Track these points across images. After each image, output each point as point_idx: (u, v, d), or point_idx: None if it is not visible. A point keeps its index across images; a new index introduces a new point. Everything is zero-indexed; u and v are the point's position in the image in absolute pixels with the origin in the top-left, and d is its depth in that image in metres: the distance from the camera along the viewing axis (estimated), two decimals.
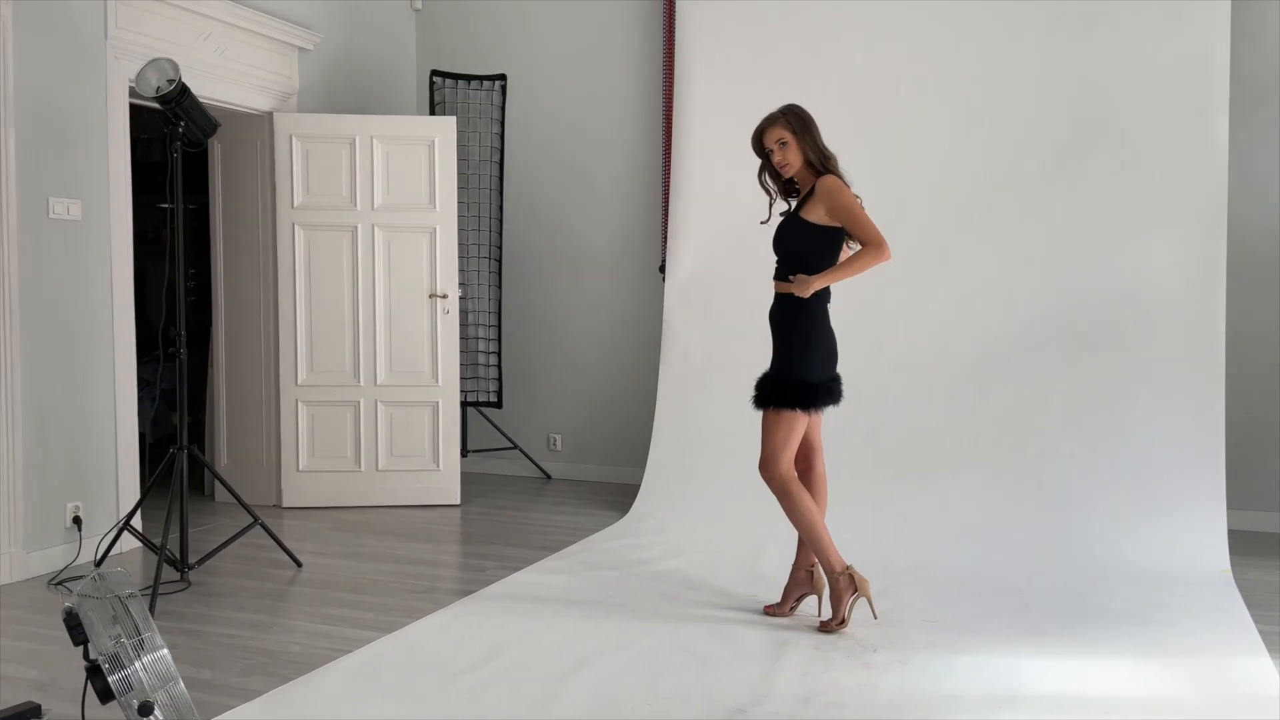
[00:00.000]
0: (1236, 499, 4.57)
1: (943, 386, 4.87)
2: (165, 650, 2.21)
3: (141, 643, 2.18)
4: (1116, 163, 4.71)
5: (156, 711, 2.15)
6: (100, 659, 2.14)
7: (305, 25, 5.31)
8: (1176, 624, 3.45)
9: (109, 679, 2.14)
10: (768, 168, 3.44)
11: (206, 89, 4.73)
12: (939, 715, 2.69)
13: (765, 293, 3.74)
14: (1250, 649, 3.21)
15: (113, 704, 2.16)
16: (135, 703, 2.13)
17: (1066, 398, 4.68)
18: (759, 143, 3.41)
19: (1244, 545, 4.41)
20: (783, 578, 3.68)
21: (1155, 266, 4.64)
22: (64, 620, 2.15)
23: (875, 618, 3.34)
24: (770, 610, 3.49)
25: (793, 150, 3.33)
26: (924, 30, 4.98)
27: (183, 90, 3.68)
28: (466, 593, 3.76)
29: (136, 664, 2.16)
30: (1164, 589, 3.82)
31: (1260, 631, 3.37)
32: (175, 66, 3.65)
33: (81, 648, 2.17)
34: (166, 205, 7.18)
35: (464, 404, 5.65)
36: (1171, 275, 4.61)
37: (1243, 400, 4.70)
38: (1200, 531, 4.26)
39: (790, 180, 3.43)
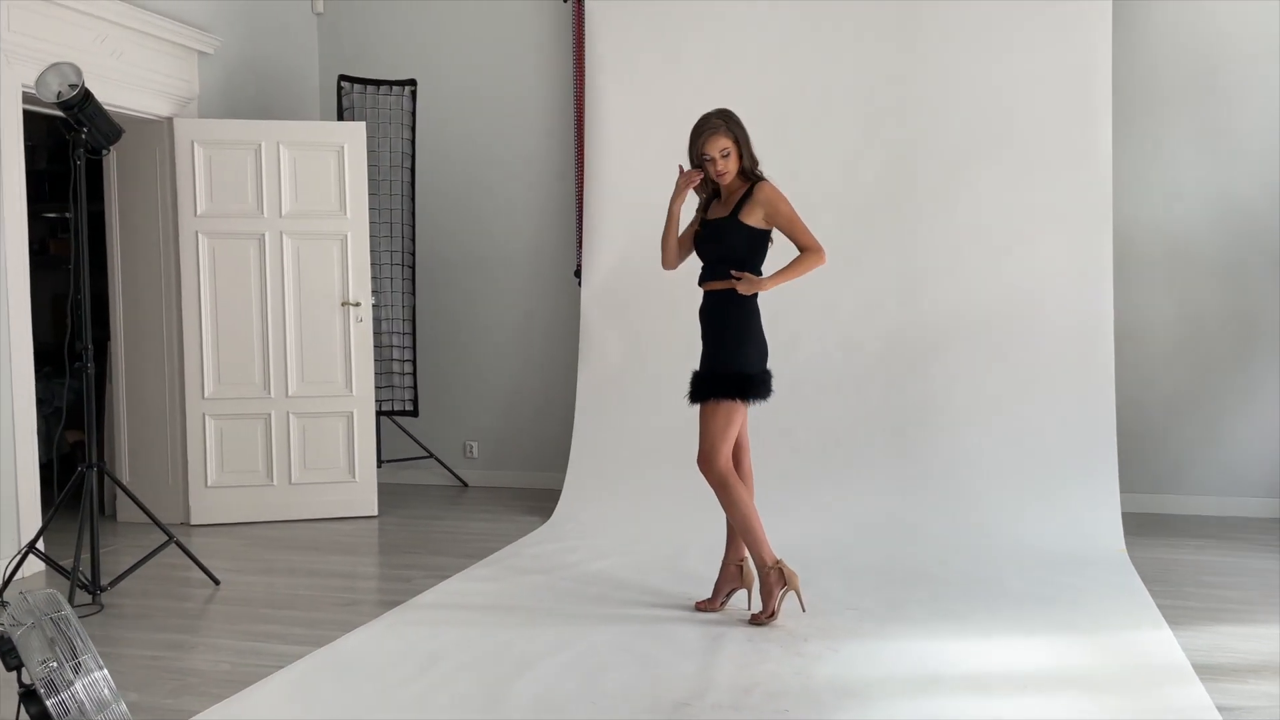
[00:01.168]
0: (1128, 483, 4.85)
1: (853, 383, 5.03)
2: (104, 672, 2.15)
3: (78, 666, 2.11)
4: (1009, 166, 4.94)
5: None
6: (36, 684, 2.07)
7: (204, 29, 5.17)
8: (1081, 602, 3.64)
9: (46, 703, 2.07)
10: (702, 170, 3.48)
11: (103, 93, 4.54)
12: (873, 699, 2.80)
13: (683, 294, 3.83)
14: (1150, 622, 3.42)
15: None
16: None
17: (969, 391, 4.89)
18: (699, 148, 3.44)
19: (1137, 526, 4.68)
20: (709, 574, 3.76)
21: (1047, 265, 4.88)
22: None
23: (803, 610, 3.44)
24: (701, 606, 3.56)
25: (733, 159, 3.42)
26: (828, 36, 5.14)
27: (85, 96, 3.56)
28: (395, 603, 3.72)
29: (74, 688, 2.09)
30: (1066, 570, 4.03)
31: (1158, 605, 3.59)
32: (78, 71, 3.53)
33: (15, 673, 2.09)
34: (53, 215, 6.89)
35: (379, 413, 5.57)
36: (1063, 273, 4.86)
37: (1132, 389, 4.99)
38: (1096, 514, 4.51)
39: (717, 185, 3.50)
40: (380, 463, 5.82)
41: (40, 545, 4.00)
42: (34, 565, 4.07)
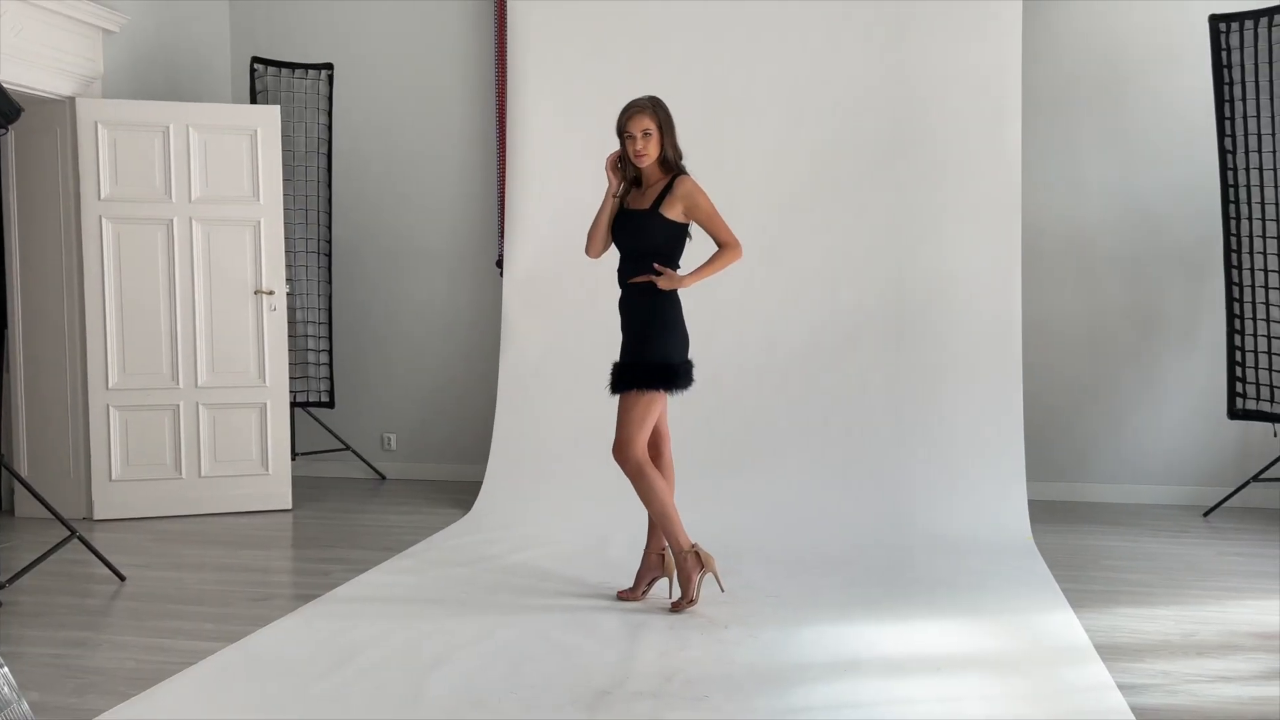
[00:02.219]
0: (1035, 471, 5.01)
1: (773, 374, 5.09)
2: (4, 670, 2.06)
3: None
4: (924, 164, 5.05)
5: None
6: None
7: (109, 5, 4.98)
8: (989, 587, 3.76)
9: None
10: (624, 152, 3.48)
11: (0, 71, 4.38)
12: (791, 683, 2.84)
13: (604, 285, 3.83)
14: (1055, 605, 3.54)
15: None
16: None
17: (884, 383, 4.99)
18: (621, 125, 3.44)
19: (1042, 513, 4.84)
20: (631, 564, 3.77)
21: (958, 261, 5.00)
22: None
23: (722, 591, 3.48)
24: (623, 595, 3.57)
25: (654, 143, 3.43)
26: (753, 32, 5.18)
27: None
28: (310, 597, 3.65)
29: None
30: (975, 556, 4.15)
31: (1062, 589, 3.72)
32: None
33: None
34: None
35: (293, 405, 5.45)
36: (973, 268, 4.99)
37: (1038, 382, 5.15)
38: (1004, 502, 4.65)
39: (636, 170, 3.50)
40: (295, 455, 5.70)
41: None
42: None
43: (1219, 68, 4.71)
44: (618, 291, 3.61)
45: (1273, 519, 4.82)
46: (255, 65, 5.38)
